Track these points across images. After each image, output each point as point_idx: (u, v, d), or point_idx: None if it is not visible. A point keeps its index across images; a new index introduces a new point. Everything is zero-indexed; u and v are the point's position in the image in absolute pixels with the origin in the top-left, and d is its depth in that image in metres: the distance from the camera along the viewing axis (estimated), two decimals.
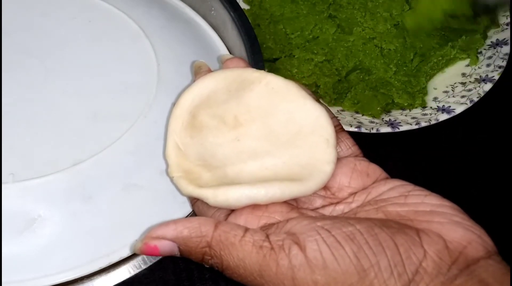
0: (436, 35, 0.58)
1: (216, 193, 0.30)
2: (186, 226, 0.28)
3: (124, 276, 0.36)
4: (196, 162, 0.32)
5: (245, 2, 0.62)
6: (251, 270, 0.27)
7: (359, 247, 0.27)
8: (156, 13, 0.48)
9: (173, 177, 0.32)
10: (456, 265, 0.27)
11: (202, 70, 0.37)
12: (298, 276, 0.26)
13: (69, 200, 0.37)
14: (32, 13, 0.45)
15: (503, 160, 0.56)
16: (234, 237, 0.27)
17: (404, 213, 0.29)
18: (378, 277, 0.26)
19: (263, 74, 0.35)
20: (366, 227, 0.27)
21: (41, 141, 0.39)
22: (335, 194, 0.32)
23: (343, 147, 0.34)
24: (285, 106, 0.34)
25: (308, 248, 0.27)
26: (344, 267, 0.26)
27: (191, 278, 0.47)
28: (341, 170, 0.32)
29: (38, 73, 0.42)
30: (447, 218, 0.29)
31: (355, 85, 0.55)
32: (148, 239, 0.28)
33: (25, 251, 0.35)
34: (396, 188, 0.31)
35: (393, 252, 0.27)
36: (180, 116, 0.33)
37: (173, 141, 0.33)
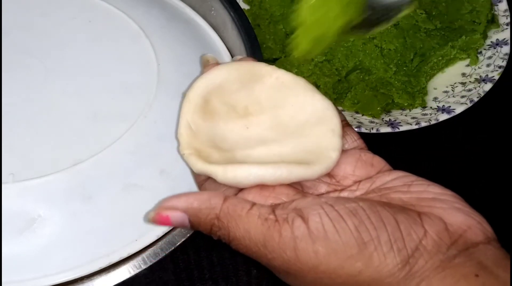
0: (436, 35, 0.58)
1: (226, 170, 0.31)
2: (197, 198, 0.29)
3: (124, 276, 0.36)
4: (207, 143, 0.34)
5: (245, 2, 0.62)
6: (255, 240, 0.28)
7: (360, 221, 0.27)
8: (156, 13, 0.48)
9: (183, 154, 0.33)
10: (456, 246, 0.28)
11: (210, 63, 0.38)
12: (300, 246, 0.27)
13: (69, 200, 0.37)
14: (32, 13, 0.45)
15: (504, 160, 0.56)
16: (242, 209, 0.29)
17: (407, 199, 0.30)
18: (377, 250, 0.27)
19: (274, 69, 0.36)
20: (368, 204, 0.28)
21: (41, 141, 0.39)
22: (339, 182, 0.33)
23: (349, 140, 0.35)
24: (293, 99, 0.35)
25: (310, 221, 0.28)
26: (345, 239, 0.27)
27: (191, 278, 0.47)
28: (346, 160, 0.33)
29: (38, 73, 0.42)
30: (449, 204, 0.29)
31: (355, 85, 0.55)
32: (161, 209, 0.30)
33: (25, 251, 0.35)
34: (400, 178, 0.32)
35: (393, 228, 0.27)
36: (193, 100, 0.34)
37: (185, 121, 0.34)
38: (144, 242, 0.37)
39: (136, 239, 0.37)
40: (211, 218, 0.29)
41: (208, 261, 0.48)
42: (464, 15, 0.59)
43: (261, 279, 0.47)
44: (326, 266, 0.27)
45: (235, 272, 0.47)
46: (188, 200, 0.30)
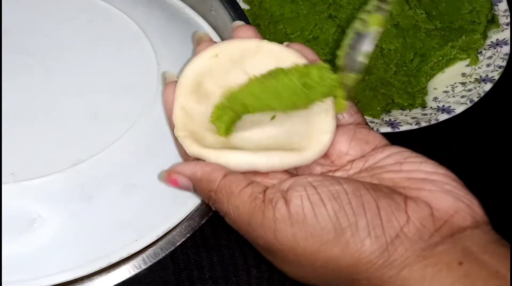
0: (436, 35, 0.58)
1: (218, 155, 0.31)
2: (202, 169, 0.31)
3: (124, 276, 0.36)
4: (202, 125, 0.34)
5: (245, 2, 0.62)
6: (243, 218, 0.29)
7: (340, 206, 0.28)
8: (156, 13, 0.48)
9: (178, 136, 0.33)
10: (439, 232, 0.27)
11: (203, 40, 0.38)
12: (279, 227, 0.28)
13: (69, 200, 0.37)
14: (32, 13, 0.45)
15: (504, 160, 0.56)
16: (236, 187, 0.29)
17: (398, 180, 0.30)
18: (354, 236, 0.27)
19: (264, 43, 0.35)
20: (353, 187, 0.28)
21: (41, 141, 0.39)
22: (334, 162, 0.33)
23: (345, 114, 0.34)
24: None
25: (292, 203, 0.28)
26: (322, 224, 0.27)
27: (191, 278, 0.47)
28: (340, 138, 0.33)
29: (38, 73, 0.42)
30: (438, 186, 0.29)
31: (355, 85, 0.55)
32: (171, 172, 0.31)
33: (25, 251, 0.35)
34: (393, 155, 0.31)
35: (373, 215, 0.27)
36: (185, 83, 0.34)
37: (179, 104, 0.34)
38: (144, 242, 0.37)
39: (136, 239, 0.37)
40: (209, 190, 0.30)
41: (208, 261, 0.48)
42: (464, 15, 0.59)
43: (261, 279, 0.47)
44: (303, 249, 0.28)
45: (235, 272, 0.47)
46: (194, 168, 0.31)
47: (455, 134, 0.56)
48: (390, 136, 0.53)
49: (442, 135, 0.56)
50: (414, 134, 0.53)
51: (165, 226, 0.38)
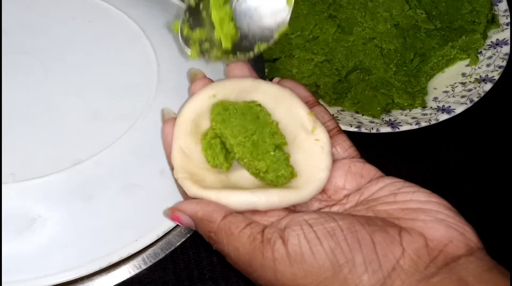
0: (436, 35, 0.58)
1: (219, 196, 0.32)
2: (203, 209, 0.31)
3: (124, 276, 0.36)
4: (200, 165, 0.34)
5: None
6: (243, 259, 0.29)
7: (337, 243, 0.28)
8: (156, 13, 0.48)
9: (178, 178, 0.33)
10: (435, 263, 0.28)
11: (197, 77, 0.39)
12: (279, 268, 0.28)
13: (69, 200, 0.37)
14: (32, 13, 0.45)
15: (503, 160, 0.56)
16: (236, 228, 0.30)
17: (392, 211, 0.30)
18: (352, 272, 0.27)
19: (259, 83, 0.36)
20: (348, 223, 0.29)
21: (41, 141, 0.39)
22: (331, 197, 0.33)
23: (339, 149, 0.35)
24: (281, 114, 0.35)
25: (289, 243, 0.28)
26: (320, 261, 0.28)
27: (191, 278, 0.47)
28: (336, 173, 0.34)
29: (38, 73, 0.42)
30: (431, 215, 0.29)
31: (355, 85, 0.55)
32: (174, 210, 0.32)
33: (25, 251, 0.35)
34: (387, 186, 0.32)
35: (369, 250, 0.28)
36: (183, 124, 0.35)
37: (178, 146, 0.34)
38: (144, 242, 0.37)
39: (136, 239, 0.37)
40: (209, 230, 0.31)
41: (208, 261, 0.48)
42: (464, 15, 0.59)
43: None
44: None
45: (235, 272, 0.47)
46: (195, 208, 0.31)
47: (455, 134, 0.56)
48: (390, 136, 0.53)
49: (442, 135, 0.56)
50: (414, 134, 0.53)
51: (165, 226, 0.38)
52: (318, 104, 0.37)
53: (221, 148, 0.34)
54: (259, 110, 0.35)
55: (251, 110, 0.35)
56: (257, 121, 0.34)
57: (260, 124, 0.34)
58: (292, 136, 0.35)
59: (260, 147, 0.34)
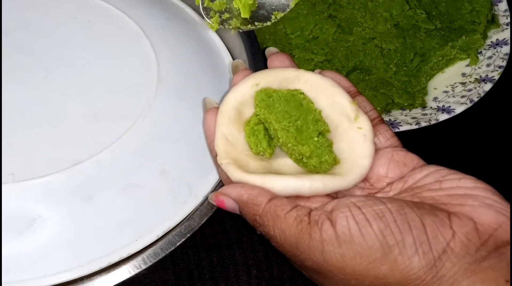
0: (436, 35, 0.58)
1: (264, 181, 0.32)
2: (248, 192, 0.31)
3: (124, 276, 0.36)
4: (244, 152, 0.35)
5: None
6: (289, 241, 0.29)
7: (386, 225, 0.28)
8: (156, 13, 0.48)
9: (221, 164, 0.34)
10: (485, 246, 0.28)
11: (239, 69, 0.39)
12: (327, 249, 0.28)
13: (69, 200, 0.37)
14: (32, 13, 0.45)
15: (503, 160, 0.56)
16: (282, 210, 0.30)
17: (438, 197, 0.30)
18: (402, 253, 0.27)
19: (301, 73, 0.36)
20: (396, 206, 0.29)
21: (41, 141, 0.39)
22: (373, 185, 0.33)
23: (382, 139, 0.35)
24: (323, 103, 0.35)
25: (338, 224, 0.29)
26: (370, 242, 0.28)
27: (191, 278, 0.47)
28: (379, 161, 0.33)
29: (38, 73, 0.42)
30: (479, 200, 0.29)
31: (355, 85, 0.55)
32: (218, 194, 0.33)
33: (25, 251, 0.35)
34: (431, 174, 0.32)
35: (419, 232, 0.28)
36: (226, 113, 0.35)
37: (221, 133, 0.35)
38: (144, 242, 0.37)
39: (136, 239, 0.37)
40: (254, 213, 0.31)
41: (208, 261, 0.48)
42: (464, 15, 0.59)
43: (261, 279, 0.47)
44: (352, 268, 0.28)
45: (235, 272, 0.47)
46: (240, 192, 0.32)
47: (455, 134, 0.56)
48: None
49: (442, 135, 0.56)
50: (414, 134, 0.53)
51: (165, 226, 0.38)
52: (360, 94, 0.37)
53: (264, 135, 0.35)
54: (302, 98, 0.35)
55: (294, 97, 0.35)
56: (300, 108, 0.34)
57: (303, 110, 0.34)
58: (335, 125, 0.35)
59: (304, 133, 0.34)
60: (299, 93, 0.35)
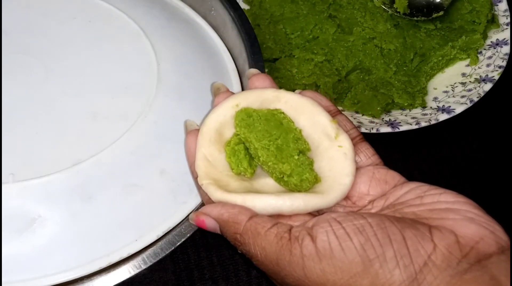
0: (436, 35, 0.58)
1: (245, 200, 0.32)
2: (228, 211, 0.31)
3: (124, 276, 0.36)
4: (224, 172, 0.35)
5: (245, 2, 0.62)
6: (270, 258, 0.29)
7: (366, 239, 0.28)
8: (156, 13, 0.48)
9: (202, 184, 0.34)
10: (467, 259, 0.27)
11: (220, 91, 0.39)
12: (308, 264, 0.28)
13: (69, 200, 0.37)
14: (32, 13, 0.45)
15: (503, 160, 0.56)
16: (262, 228, 0.30)
17: (420, 212, 0.30)
18: (383, 267, 0.27)
19: (282, 93, 0.36)
20: (377, 220, 0.29)
21: (41, 141, 0.39)
22: (355, 203, 0.33)
23: (363, 157, 0.35)
24: (303, 123, 0.36)
25: (318, 239, 0.28)
26: (350, 257, 0.28)
27: (191, 278, 0.47)
28: (360, 179, 0.33)
29: (38, 73, 0.42)
30: (461, 214, 0.29)
31: (355, 85, 0.55)
32: (199, 213, 0.32)
33: (25, 251, 0.35)
34: (412, 190, 0.32)
35: (400, 245, 0.28)
36: (207, 133, 0.35)
37: (202, 154, 0.35)
38: (144, 242, 0.37)
39: (136, 239, 0.37)
40: (235, 232, 0.31)
41: (208, 261, 0.48)
42: (464, 15, 0.59)
43: (261, 279, 0.47)
44: (333, 283, 0.28)
45: (235, 272, 0.47)
46: (221, 210, 0.32)
47: (455, 134, 0.56)
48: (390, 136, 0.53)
49: (442, 135, 0.56)
50: (414, 134, 0.53)
51: (165, 226, 0.38)
52: (340, 113, 0.37)
53: (244, 154, 0.35)
54: (282, 117, 0.35)
55: (275, 117, 0.35)
56: (280, 127, 0.35)
57: (283, 129, 0.34)
58: (315, 144, 0.35)
59: (284, 151, 0.34)
60: (279, 113, 0.35)
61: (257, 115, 0.35)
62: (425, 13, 0.58)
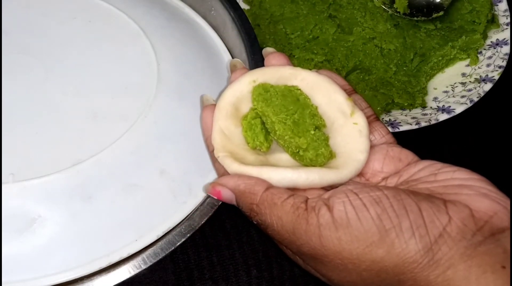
0: (436, 35, 0.58)
1: (261, 172, 0.32)
2: (245, 182, 0.32)
3: (124, 276, 0.36)
4: (241, 146, 0.35)
5: (245, 2, 0.62)
6: (286, 227, 0.30)
7: (383, 209, 0.28)
8: (156, 13, 0.48)
9: (218, 157, 0.34)
10: (481, 232, 0.28)
11: (237, 68, 0.39)
12: (324, 233, 0.29)
13: (69, 200, 0.37)
14: (32, 13, 0.45)
15: (503, 160, 0.56)
16: (278, 198, 0.30)
17: (434, 188, 0.31)
18: (399, 237, 0.28)
19: (298, 71, 0.37)
20: (393, 192, 0.29)
21: (41, 141, 0.39)
22: (369, 180, 0.34)
23: (377, 135, 0.35)
24: (320, 100, 0.36)
25: (335, 209, 0.29)
26: (366, 226, 0.28)
27: (191, 278, 0.47)
28: (374, 157, 0.34)
29: (38, 73, 0.42)
30: (475, 190, 0.30)
31: (355, 85, 0.55)
32: (215, 184, 0.32)
33: (25, 251, 0.35)
34: (426, 168, 0.32)
35: (416, 216, 0.28)
36: (223, 107, 0.35)
37: (218, 127, 0.35)
38: (144, 242, 0.37)
39: (136, 239, 0.37)
40: (251, 202, 0.31)
41: (208, 261, 0.48)
42: (464, 15, 0.59)
43: (261, 279, 0.47)
44: (349, 252, 0.28)
45: (235, 272, 0.47)
46: (237, 181, 0.32)
47: (455, 134, 0.56)
48: None
49: (442, 135, 0.56)
50: (414, 134, 0.53)
51: (165, 226, 0.38)
52: (355, 92, 0.37)
53: (261, 129, 0.35)
54: (299, 93, 0.35)
55: (291, 93, 0.35)
56: (297, 103, 0.35)
57: (300, 105, 0.35)
58: (331, 121, 0.35)
59: (300, 126, 0.34)
60: (296, 89, 0.36)
61: (274, 90, 0.35)
62: (425, 13, 0.58)
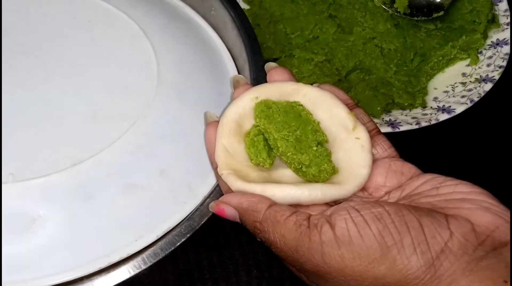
0: (436, 35, 0.58)
1: (264, 189, 0.32)
2: (248, 199, 0.32)
3: (124, 276, 0.36)
4: (244, 163, 0.35)
5: (245, 2, 0.62)
6: (289, 245, 0.30)
7: (384, 226, 0.28)
8: (156, 13, 0.48)
9: (222, 174, 0.34)
10: (483, 246, 0.28)
11: (240, 84, 0.39)
12: (326, 250, 0.29)
13: (69, 200, 0.37)
14: (32, 13, 0.45)
15: (503, 160, 0.56)
16: (281, 216, 0.31)
17: (435, 202, 0.31)
18: (401, 253, 0.28)
19: (300, 86, 0.37)
20: (394, 208, 0.29)
21: (41, 141, 0.39)
22: (372, 194, 0.34)
23: (379, 149, 0.36)
24: (322, 115, 0.36)
25: (337, 226, 0.29)
26: (368, 243, 0.28)
27: (191, 278, 0.47)
28: (376, 171, 0.34)
29: (38, 73, 0.42)
30: (476, 204, 0.30)
31: (355, 85, 0.55)
32: (219, 202, 0.33)
33: (25, 251, 0.35)
34: (428, 181, 0.32)
35: (417, 232, 0.28)
36: (226, 125, 0.36)
37: (221, 144, 0.35)
38: (144, 242, 0.37)
39: (136, 239, 0.37)
40: (254, 220, 0.31)
41: (208, 261, 0.48)
42: (464, 15, 0.59)
43: (261, 279, 0.47)
44: (351, 269, 0.28)
45: (235, 272, 0.47)
46: (240, 199, 0.32)
47: (455, 134, 0.56)
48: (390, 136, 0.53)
49: (442, 135, 0.56)
50: (414, 134, 0.53)
51: (165, 226, 0.38)
52: (357, 106, 0.37)
53: (263, 145, 0.35)
54: (301, 109, 0.36)
55: (293, 109, 0.35)
56: (299, 119, 0.35)
57: (302, 121, 0.35)
58: (333, 136, 0.35)
59: (303, 142, 0.34)
60: (298, 105, 0.36)
61: (276, 107, 0.35)
62: (425, 13, 0.58)
